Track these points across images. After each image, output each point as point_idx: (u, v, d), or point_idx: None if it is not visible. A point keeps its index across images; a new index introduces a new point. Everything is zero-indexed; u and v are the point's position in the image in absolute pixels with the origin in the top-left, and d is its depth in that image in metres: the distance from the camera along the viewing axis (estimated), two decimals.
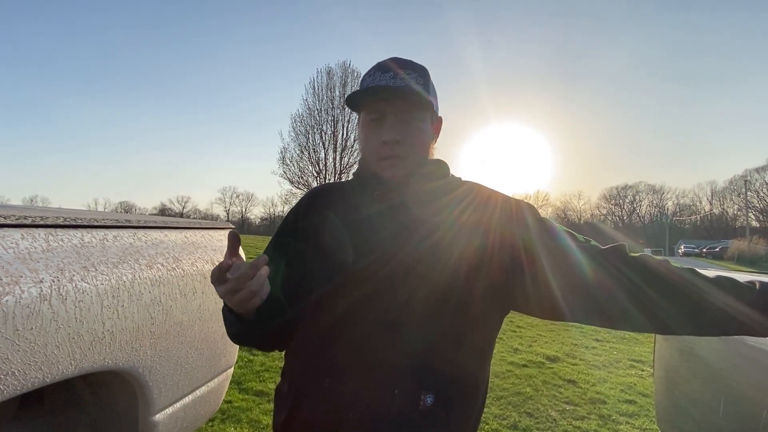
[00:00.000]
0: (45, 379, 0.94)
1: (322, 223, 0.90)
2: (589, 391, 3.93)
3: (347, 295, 0.83)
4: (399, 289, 0.81)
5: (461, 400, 0.82)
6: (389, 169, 0.86)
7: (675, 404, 1.47)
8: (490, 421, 3.19)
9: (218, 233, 1.73)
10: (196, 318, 1.47)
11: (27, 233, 0.98)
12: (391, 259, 0.82)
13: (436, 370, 0.79)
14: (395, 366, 0.78)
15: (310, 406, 0.82)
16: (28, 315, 0.90)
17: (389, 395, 0.77)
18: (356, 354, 0.80)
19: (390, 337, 0.79)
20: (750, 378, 1.14)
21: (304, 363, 0.85)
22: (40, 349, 0.92)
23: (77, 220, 1.13)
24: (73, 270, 1.03)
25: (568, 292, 0.81)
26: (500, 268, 0.83)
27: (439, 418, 0.78)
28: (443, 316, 0.80)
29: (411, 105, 0.86)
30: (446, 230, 0.84)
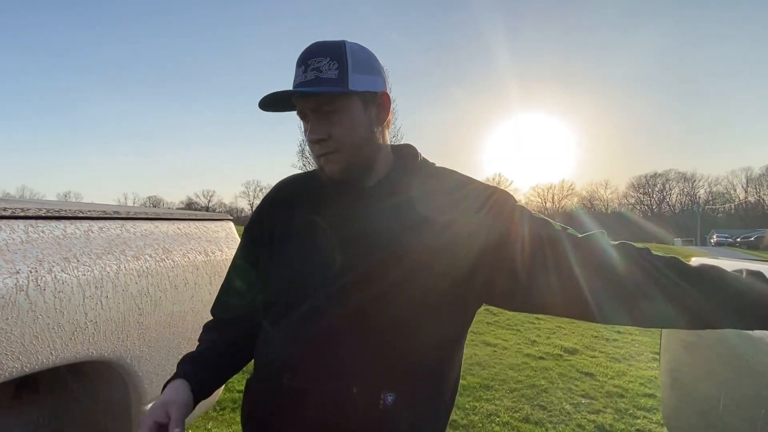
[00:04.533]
0: (24, 369, 0.96)
1: (288, 220, 0.88)
2: (606, 384, 3.84)
3: (305, 295, 0.80)
4: (357, 287, 0.77)
5: (424, 398, 0.78)
6: (327, 165, 0.81)
7: (679, 399, 1.41)
8: (502, 414, 3.14)
9: (213, 224, 1.73)
10: (189, 309, 1.47)
11: (5, 225, 0.99)
12: (351, 257, 0.79)
13: (396, 369, 0.76)
14: (353, 365, 0.75)
15: (269, 403, 0.81)
16: (3, 305, 0.90)
17: (347, 394, 0.74)
18: (314, 352, 0.77)
19: (348, 335, 0.76)
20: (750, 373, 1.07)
21: (265, 359, 0.84)
22: (17, 339, 0.93)
23: (60, 211, 1.14)
24: (52, 261, 1.03)
25: (544, 284, 0.77)
26: (467, 262, 0.78)
27: (400, 417, 0.75)
28: (402, 314, 0.76)
29: (324, 98, 0.78)
30: (407, 223, 0.80)
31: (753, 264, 1.30)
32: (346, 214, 0.82)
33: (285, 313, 0.82)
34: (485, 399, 3.40)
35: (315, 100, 0.78)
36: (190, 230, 1.59)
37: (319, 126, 0.79)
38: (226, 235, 1.78)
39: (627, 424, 3.09)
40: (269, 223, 0.90)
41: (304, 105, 0.79)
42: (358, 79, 0.78)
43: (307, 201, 0.87)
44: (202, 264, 1.55)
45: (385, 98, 0.84)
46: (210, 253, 1.62)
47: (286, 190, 0.93)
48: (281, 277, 0.85)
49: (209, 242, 1.64)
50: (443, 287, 0.78)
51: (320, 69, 0.76)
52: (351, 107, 0.79)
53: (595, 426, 3.03)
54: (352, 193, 0.83)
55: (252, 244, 0.93)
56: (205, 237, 1.64)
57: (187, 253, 1.50)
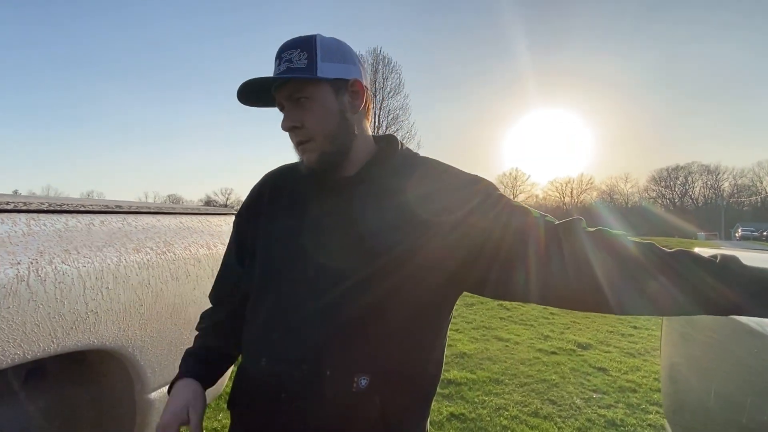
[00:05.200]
0: (26, 356, 0.99)
1: (272, 210, 0.90)
2: (619, 379, 3.78)
3: (283, 284, 0.83)
4: (333, 277, 0.79)
5: (399, 384, 0.79)
6: (303, 154, 0.83)
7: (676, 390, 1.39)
8: (511, 408, 3.13)
9: (216, 218, 1.77)
10: (190, 301, 1.51)
11: (7, 218, 1.03)
12: (330, 241, 0.81)
13: (371, 353, 0.77)
14: (328, 349, 0.77)
15: (250, 385, 0.84)
16: (4, 295, 0.94)
17: (321, 376, 0.76)
18: (290, 337, 0.79)
19: (322, 319, 0.78)
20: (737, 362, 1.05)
21: (247, 344, 0.87)
22: (19, 327, 0.97)
23: (62, 205, 1.18)
24: (53, 253, 1.07)
25: (522, 268, 0.77)
26: (435, 252, 0.79)
27: (373, 401, 0.76)
28: (377, 301, 0.78)
29: (293, 87, 0.80)
30: (388, 215, 0.81)
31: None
32: (324, 204, 0.84)
33: (265, 301, 0.84)
34: (494, 393, 3.39)
35: (287, 88, 0.81)
36: (192, 224, 1.62)
37: (293, 114, 0.81)
38: (229, 229, 1.81)
39: (638, 419, 3.04)
40: (256, 214, 0.93)
41: (280, 95, 0.82)
42: (327, 67, 0.81)
43: (291, 192, 0.90)
44: (204, 257, 1.59)
45: (358, 86, 0.85)
46: (212, 246, 1.66)
47: (272, 181, 0.95)
48: (262, 266, 0.87)
49: (211, 236, 1.68)
50: (422, 279, 0.79)
51: (291, 60, 0.79)
52: (321, 94, 0.81)
53: (605, 421, 3.00)
54: (332, 182, 0.85)
55: (241, 233, 0.96)
56: (207, 231, 1.67)
57: (188, 246, 1.53)
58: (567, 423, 2.95)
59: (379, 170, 0.85)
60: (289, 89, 0.81)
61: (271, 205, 0.91)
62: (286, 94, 0.81)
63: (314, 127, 0.81)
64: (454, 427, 2.86)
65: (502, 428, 2.84)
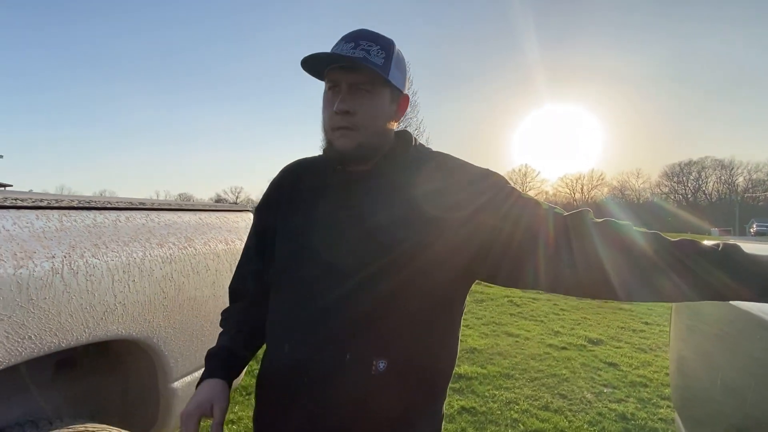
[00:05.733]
0: (60, 344, 1.05)
1: (290, 203, 0.95)
2: (630, 374, 3.80)
3: (304, 273, 0.87)
4: (350, 264, 0.83)
5: (416, 369, 0.83)
6: (340, 139, 0.85)
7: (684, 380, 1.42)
8: (521, 402, 3.16)
9: (234, 215, 1.82)
10: (210, 294, 1.56)
11: (41, 214, 1.09)
12: (344, 235, 0.85)
13: (388, 339, 0.81)
14: (350, 331, 0.81)
15: (273, 370, 0.88)
16: (41, 286, 1.00)
17: (341, 360, 0.80)
18: (312, 322, 0.84)
19: (343, 306, 0.82)
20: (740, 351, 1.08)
21: (270, 330, 0.91)
22: (54, 317, 1.03)
23: (91, 202, 1.23)
24: (84, 247, 1.13)
25: (532, 260, 0.81)
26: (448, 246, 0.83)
27: (392, 382, 0.80)
28: (395, 288, 0.82)
29: (365, 77, 0.84)
30: (411, 199, 0.85)
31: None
32: (340, 197, 0.88)
33: (287, 290, 0.89)
34: (505, 387, 3.43)
35: (358, 75, 0.83)
36: (211, 220, 1.68)
37: (351, 100, 0.84)
38: (246, 225, 1.86)
39: (649, 413, 3.06)
40: (276, 206, 0.97)
41: (343, 77, 0.84)
42: (395, 75, 0.86)
43: (309, 184, 0.94)
44: (223, 252, 1.64)
45: (406, 101, 0.91)
46: (230, 241, 1.71)
47: (290, 174, 1.00)
48: (283, 257, 0.92)
49: (229, 231, 1.73)
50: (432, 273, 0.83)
51: (369, 52, 0.82)
52: (382, 95, 0.86)
53: (616, 414, 3.02)
54: (349, 175, 0.89)
55: (261, 225, 1.01)
56: (225, 227, 1.73)
57: (208, 241, 1.58)
58: (578, 416, 2.98)
59: (393, 165, 0.89)
60: (359, 77, 0.84)
61: (290, 197, 0.96)
62: (354, 79, 0.84)
63: (365, 119, 0.84)
64: (465, 420, 2.90)
65: (513, 421, 2.88)
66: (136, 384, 1.46)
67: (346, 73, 0.84)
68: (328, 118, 0.86)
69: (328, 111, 0.86)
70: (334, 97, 0.85)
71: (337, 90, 0.85)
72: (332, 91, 0.86)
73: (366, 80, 0.84)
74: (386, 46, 0.86)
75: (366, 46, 0.84)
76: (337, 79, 0.85)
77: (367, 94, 0.84)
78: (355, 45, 0.83)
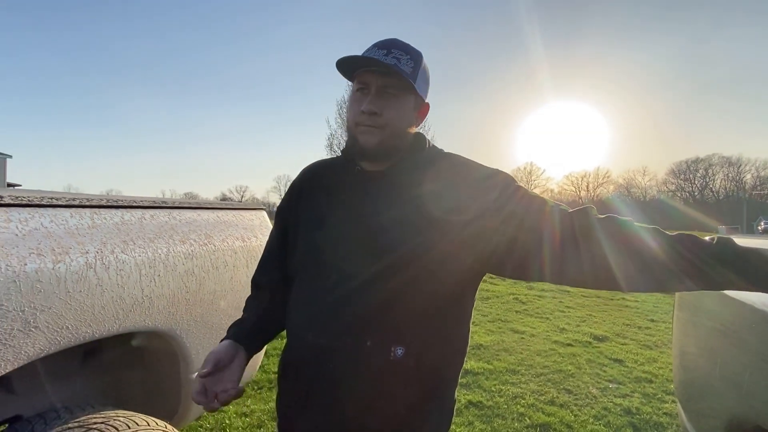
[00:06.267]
0: (94, 334, 1.12)
1: (309, 202, 1.01)
2: (635, 370, 3.84)
3: (323, 264, 0.93)
4: (368, 257, 0.89)
5: (432, 355, 0.89)
6: (364, 134, 0.91)
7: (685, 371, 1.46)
8: (527, 397, 3.21)
9: (249, 213, 1.89)
10: (228, 289, 1.63)
11: (75, 212, 1.16)
12: (359, 229, 0.91)
13: (407, 325, 0.87)
14: (368, 321, 0.87)
15: (296, 358, 0.94)
16: (77, 280, 1.07)
17: (362, 346, 0.86)
18: (333, 311, 0.90)
19: (364, 295, 0.88)
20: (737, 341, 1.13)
21: (293, 321, 0.97)
22: (89, 309, 1.09)
23: (118, 201, 1.30)
24: (114, 243, 1.19)
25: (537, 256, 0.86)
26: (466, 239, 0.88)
27: (408, 368, 0.86)
28: (411, 279, 0.87)
29: (396, 82, 0.90)
30: (418, 200, 0.91)
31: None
32: (356, 196, 0.94)
33: (308, 282, 0.95)
34: (511, 383, 3.48)
35: (389, 79, 0.90)
36: (228, 218, 1.74)
37: (379, 102, 0.90)
38: (260, 223, 1.93)
39: (654, 407, 3.10)
40: (296, 205, 1.03)
41: (374, 80, 0.91)
42: (420, 84, 0.93)
43: (327, 184, 1.01)
44: (240, 248, 1.70)
45: (426, 109, 0.98)
46: (246, 239, 1.77)
47: (310, 174, 1.06)
48: (304, 252, 0.98)
49: (245, 229, 1.79)
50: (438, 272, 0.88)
51: (400, 60, 0.89)
52: (407, 101, 0.93)
53: (621, 409, 3.06)
54: (365, 174, 0.95)
55: (282, 223, 1.07)
56: (241, 224, 1.79)
57: (226, 238, 1.65)
58: (583, 411, 3.02)
59: (407, 166, 0.95)
60: (389, 81, 0.90)
61: (309, 195, 1.02)
62: (384, 82, 0.90)
63: (390, 120, 0.91)
64: (472, 413, 2.95)
65: (519, 415, 2.93)
66: (159, 375, 1.53)
67: (377, 77, 0.90)
68: (355, 116, 0.92)
69: (355, 110, 0.92)
70: (362, 97, 0.92)
71: (366, 91, 0.91)
72: (361, 92, 0.92)
73: (394, 85, 0.90)
74: (415, 57, 0.93)
75: (397, 54, 0.90)
76: (368, 81, 0.91)
77: (393, 98, 0.91)
78: (388, 52, 0.90)
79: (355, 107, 0.92)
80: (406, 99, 0.93)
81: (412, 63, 0.91)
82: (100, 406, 1.31)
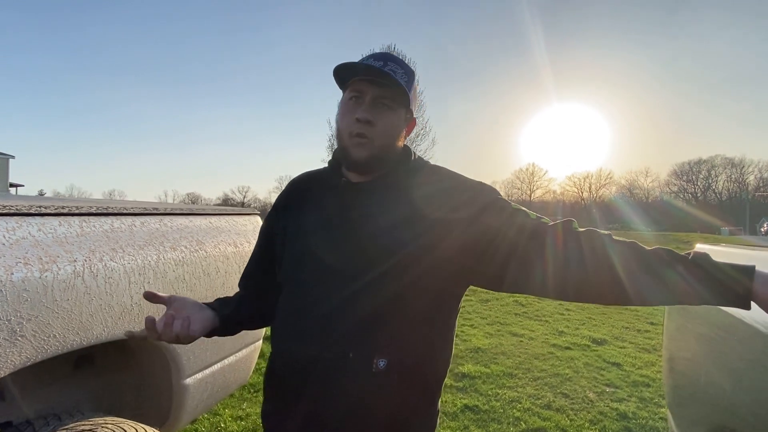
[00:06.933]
0: (82, 342, 1.13)
1: (295, 215, 1.02)
2: (633, 374, 3.83)
3: (309, 274, 0.94)
4: (354, 266, 0.89)
5: (414, 366, 0.89)
6: (357, 147, 0.91)
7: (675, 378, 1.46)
8: (524, 401, 3.21)
9: (242, 219, 1.89)
10: (220, 294, 1.62)
11: (64, 220, 1.16)
12: (346, 239, 0.92)
13: (388, 339, 0.87)
14: (350, 333, 0.87)
15: (282, 367, 0.95)
16: (64, 288, 1.07)
17: (344, 358, 0.87)
18: (317, 323, 0.90)
19: (347, 307, 0.88)
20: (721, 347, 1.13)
21: (278, 332, 0.98)
22: (76, 317, 1.10)
23: (108, 208, 1.31)
24: (103, 251, 1.20)
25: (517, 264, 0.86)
26: (451, 247, 0.88)
27: (391, 380, 0.86)
28: (394, 292, 0.88)
29: (391, 93, 0.91)
30: (403, 212, 0.91)
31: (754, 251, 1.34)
32: (347, 205, 0.95)
33: (295, 292, 0.95)
34: (508, 386, 3.47)
35: (385, 89, 0.91)
36: (221, 224, 1.75)
37: (372, 111, 0.91)
38: (254, 229, 1.93)
39: (650, 412, 3.09)
40: (283, 219, 1.04)
41: (368, 88, 0.91)
42: (411, 98, 0.95)
43: (315, 194, 1.01)
44: (232, 254, 1.71)
45: (413, 124, 1.01)
46: (239, 244, 1.78)
47: (298, 186, 1.07)
48: (291, 261, 0.98)
49: (238, 235, 1.80)
50: (431, 269, 0.89)
51: (395, 72, 0.90)
52: (400, 113, 0.94)
53: (617, 413, 3.06)
54: (354, 185, 0.96)
55: (268, 230, 1.08)
56: (234, 230, 1.80)
57: (218, 244, 1.66)
58: (579, 415, 3.02)
59: (393, 177, 0.96)
60: (385, 92, 0.91)
61: (297, 205, 1.03)
62: (380, 93, 0.91)
63: (382, 131, 0.91)
64: (468, 417, 2.95)
65: (515, 420, 2.93)
66: (151, 381, 1.53)
67: (372, 87, 0.91)
68: (348, 125, 0.92)
69: (348, 118, 0.92)
70: (356, 106, 0.92)
71: (360, 100, 0.92)
72: (355, 100, 0.92)
73: (389, 96, 0.91)
74: (409, 73, 0.95)
75: (393, 67, 0.91)
76: (363, 90, 0.91)
77: (387, 109, 0.92)
78: (384, 64, 0.91)
79: (349, 116, 0.92)
80: (399, 111, 0.94)
81: (406, 77, 0.93)
82: (90, 412, 1.32)
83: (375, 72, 0.89)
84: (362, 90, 0.91)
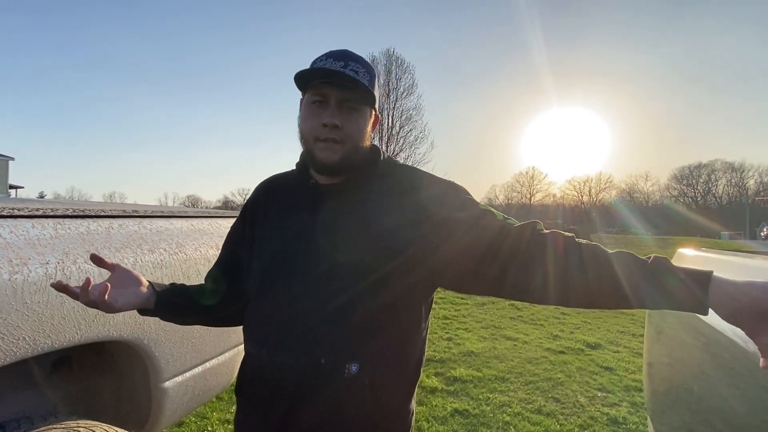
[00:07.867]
0: (54, 345, 1.12)
1: (263, 220, 1.02)
2: (626, 378, 3.81)
3: (279, 280, 0.93)
4: (324, 271, 0.89)
5: (386, 370, 0.89)
6: (324, 151, 0.89)
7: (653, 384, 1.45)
8: (514, 405, 3.20)
9: (225, 221, 1.89)
10: None
11: (37, 223, 1.16)
12: (315, 244, 0.91)
13: (360, 343, 0.87)
14: (321, 338, 0.87)
15: (253, 375, 0.94)
16: (35, 291, 1.07)
17: (316, 364, 0.86)
18: (287, 329, 0.89)
19: (316, 313, 0.88)
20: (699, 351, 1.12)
21: (248, 337, 0.97)
22: (48, 320, 1.10)
23: (85, 211, 1.30)
24: (77, 254, 1.20)
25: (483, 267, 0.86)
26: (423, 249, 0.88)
27: (363, 385, 0.86)
28: (364, 295, 0.87)
29: (356, 95, 0.89)
30: (372, 214, 0.91)
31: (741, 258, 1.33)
32: (316, 208, 0.94)
33: (264, 297, 0.95)
34: (499, 390, 3.46)
35: (349, 93, 0.89)
36: (203, 226, 1.75)
37: (338, 114, 0.89)
38: None
39: (642, 417, 3.08)
40: (251, 222, 1.04)
41: (332, 91, 0.89)
42: (376, 96, 0.93)
43: (283, 197, 1.01)
44: (213, 257, 1.70)
45: (377, 120, 0.99)
46: (221, 247, 1.78)
47: (266, 189, 1.07)
48: (261, 266, 0.98)
49: (220, 237, 1.79)
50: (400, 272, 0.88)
51: (357, 72, 0.89)
52: (366, 113, 0.93)
53: (608, 418, 3.04)
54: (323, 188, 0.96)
55: (234, 236, 1.08)
56: (216, 233, 1.79)
57: (199, 247, 1.65)
58: (569, 420, 3.01)
59: (362, 178, 0.95)
60: (351, 95, 0.89)
61: (265, 211, 1.02)
62: (345, 96, 0.89)
63: (351, 134, 0.90)
64: (458, 422, 2.94)
65: (504, 424, 2.92)
66: (129, 384, 1.52)
67: (336, 90, 0.89)
68: (312, 129, 0.90)
69: (312, 122, 0.90)
70: (320, 110, 0.90)
71: (324, 104, 0.90)
72: (318, 104, 0.90)
73: (356, 98, 0.90)
74: (370, 71, 0.93)
75: (354, 67, 0.89)
76: (327, 93, 0.89)
77: (354, 111, 0.90)
78: (345, 65, 0.89)
79: (313, 120, 0.90)
80: (365, 112, 0.93)
81: (368, 76, 0.91)
82: (66, 415, 1.32)
83: (343, 76, 0.88)
84: (326, 93, 0.89)
